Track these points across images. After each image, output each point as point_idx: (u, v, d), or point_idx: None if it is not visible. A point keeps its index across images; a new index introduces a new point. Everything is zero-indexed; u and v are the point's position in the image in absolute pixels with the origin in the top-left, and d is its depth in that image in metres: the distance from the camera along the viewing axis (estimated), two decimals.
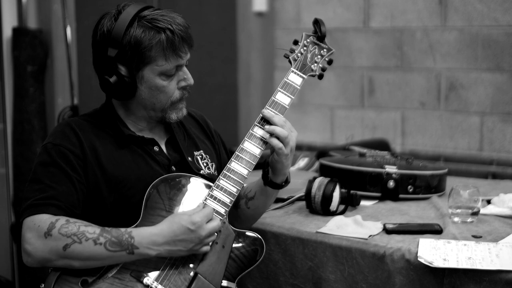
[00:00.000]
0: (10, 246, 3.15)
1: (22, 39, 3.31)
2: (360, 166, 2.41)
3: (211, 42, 3.80)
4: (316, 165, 2.96)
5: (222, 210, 1.75)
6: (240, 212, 1.98)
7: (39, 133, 3.33)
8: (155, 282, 1.67)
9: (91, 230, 1.64)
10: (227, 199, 1.77)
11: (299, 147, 3.62)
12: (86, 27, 3.51)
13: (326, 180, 2.21)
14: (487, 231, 2.00)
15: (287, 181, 1.93)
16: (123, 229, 1.65)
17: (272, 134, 1.81)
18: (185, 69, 1.83)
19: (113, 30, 1.76)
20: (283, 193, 2.41)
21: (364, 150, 2.69)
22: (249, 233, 1.82)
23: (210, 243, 1.72)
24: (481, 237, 1.94)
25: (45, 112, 3.41)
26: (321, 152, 2.96)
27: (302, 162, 3.13)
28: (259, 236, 1.82)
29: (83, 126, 1.82)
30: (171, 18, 1.78)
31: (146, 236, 1.65)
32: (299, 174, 2.97)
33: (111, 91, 1.80)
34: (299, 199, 2.35)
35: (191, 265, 1.71)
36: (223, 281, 1.74)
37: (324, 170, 2.51)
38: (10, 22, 3.31)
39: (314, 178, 2.24)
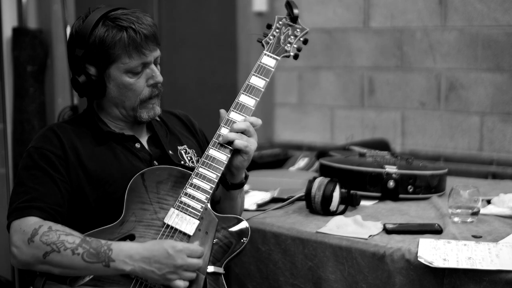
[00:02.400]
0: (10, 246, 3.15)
1: (22, 39, 3.31)
2: (360, 166, 2.41)
3: (211, 42, 3.80)
4: (316, 165, 2.96)
5: (202, 197, 1.77)
6: None
7: None
8: None
9: (71, 239, 1.66)
10: (207, 186, 1.78)
11: (299, 147, 3.62)
12: None
13: (326, 180, 2.21)
14: (487, 231, 2.00)
15: (246, 176, 1.94)
16: (103, 241, 1.67)
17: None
18: (153, 66, 1.85)
19: (80, 30, 1.82)
20: (283, 193, 2.41)
21: (364, 150, 2.69)
22: (232, 218, 1.83)
23: (187, 282, 1.68)
24: (481, 237, 1.94)
25: (45, 112, 3.40)
26: (321, 152, 2.96)
27: (302, 162, 3.13)
28: (243, 219, 1.83)
29: (64, 128, 1.86)
30: (135, 17, 1.82)
31: (124, 249, 1.65)
32: (299, 174, 2.97)
33: (81, 90, 1.85)
34: (299, 199, 2.35)
35: None
36: (209, 266, 1.74)
37: (324, 170, 2.51)
38: (10, 22, 3.31)
39: (314, 178, 2.24)
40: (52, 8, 3.38)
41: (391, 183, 2.37)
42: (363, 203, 2.31)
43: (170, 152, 1.93)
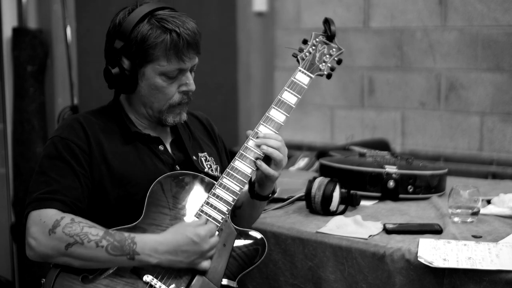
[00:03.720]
0: (10, 246, 3.15)
1: (22, 39, 3.31)
2: (360, 166, 2.41)
3: (211, 42, 3.80)
4: (316, 165, 2.96)
5: (224, 208, 1.76)
6: None
7: (39, 133, 3.33)
8: (155, 280, 1.67)
9: (95, 232, 1.65)
10: (229, 198, 1.77)
11: (299, 147, 3.62)
12: (86, 27, 3.50)
13: (326, 180, 2.21)
14: (487, 231, 2.00)
15: (274, 192, 1.94)
16: (126, 234, 1.66)
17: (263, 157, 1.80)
18: (188, 74, 1.83)
19: (124, 23, 1.78)
20: (283, 193, 2.41)
21: (364, 150, 2.69)
22: (251, 232, 1.82)
23: (210, 260, 1.72)
24: (481, 237, 1.94)
25: (45, 112, 3.40)
26: (321, 152, 2.96)
27: (302, 162, 3.13)
28: (261, 235, 1.82)
29: (91, 122, 1.83)
30: (181, 21, 1.79)
31: (148, 243, 1.65)
32: (299, 174, 2.97)
33: (111, 81, 1.83)
34: (299, 199, 2.35)
35: None
36: (223, 279, 1.73)
37: (324, 170, 2.51)
38: (10, 22, 3.31)
39: (314, 178, 2.24)
40: (52, 8, 3.38)
41: (391, 183, 2.37)
42: (363, 203, 2.31)
43: (194, 157, 1.91)
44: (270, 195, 1.93)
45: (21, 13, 3.34)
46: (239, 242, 1.79)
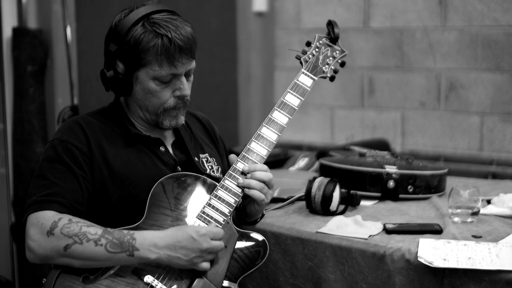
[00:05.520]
0: (10, 246, 3.15)
1: (22, 39, 3.31)
2: (360, 166, 2.41)
3: (211, 42, 3.80)
4: (316, 165, 2.96)
5: (226, 210, 1.76)
6: None
7: (39, 133, 3.33)
8: (156, 281, 1.67)
9: (93, 231, 1.64)
10: (231, 199, 1.77)
11: (299, 147, 3.62)
12: (86, 27, 3.50)
13: (326, 180, 2.21)
14: (487, 231, 2.00)
15: (262, 216, 1.94)
16: (125, 231, 1.66)
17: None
18: (182, 78, 1.81)
19: (119, 25, 1.78)
20: (283, 193, 2.41)
21: (364, 150, 2.69)
22: (253, 234, 1.82)
23: (210, 262, 1.70)
24: (481, 237, 1.94)
25: (45, 112, 3.40)
26: (321, 152, 2.96)
27: (302, 162, 3.13)
28: (263, 237, 1.81)
29: (91, 124, 1.82)
30: (175, 26, 1.77)
31: (148, 238, 1.65)
32: (299, 174, 2.97)
33: (107, 84, 1.84)
34: (299, 199, 2.35)
35: None
36: (224, 281, 1.73)
37: (324, 170, 2.52)
38: (10, 22, 3.31)
39: (314, 178, 2.24)
40: (52, 8, 3.38)
41: (391, 183, 2.37)
42: (363, 203, 2.31)
43: (195, 159, 1.91)
44: (258, 220, 1.93)
45: (21, 13, 3.34)
46: (240, 244, 1.78)
